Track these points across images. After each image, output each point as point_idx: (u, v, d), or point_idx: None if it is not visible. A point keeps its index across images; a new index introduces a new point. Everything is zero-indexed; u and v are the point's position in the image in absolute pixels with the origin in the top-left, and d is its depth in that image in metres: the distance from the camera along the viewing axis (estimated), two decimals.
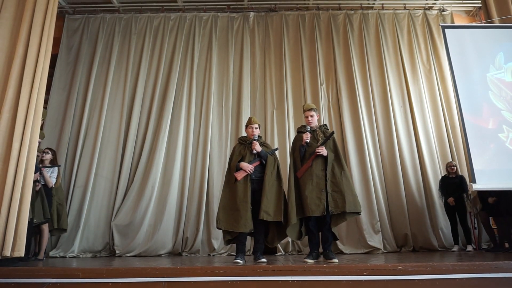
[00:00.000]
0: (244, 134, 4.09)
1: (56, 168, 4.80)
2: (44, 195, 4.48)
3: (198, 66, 6.47)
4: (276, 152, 4.00)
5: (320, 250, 3.71)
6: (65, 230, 4.98)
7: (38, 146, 4.19)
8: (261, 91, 6.38)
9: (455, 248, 5.21)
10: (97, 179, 5.80)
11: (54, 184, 4.72)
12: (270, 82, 6.39)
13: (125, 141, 6.01)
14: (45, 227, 4.59)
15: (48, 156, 4.81)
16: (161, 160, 5.86)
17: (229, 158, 3.94)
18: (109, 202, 5.74)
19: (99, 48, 6.49)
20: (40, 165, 4.67)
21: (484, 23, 6.12)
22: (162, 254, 5.43)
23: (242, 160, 3.73)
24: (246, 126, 3.94)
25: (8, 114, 3.50)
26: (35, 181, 4.23)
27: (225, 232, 3.68)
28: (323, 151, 3.59)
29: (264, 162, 3.74)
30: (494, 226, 5.28)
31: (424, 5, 6.81)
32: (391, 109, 6.17)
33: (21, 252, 3.25)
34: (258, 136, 3.87)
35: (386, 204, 5.74)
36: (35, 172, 4.03)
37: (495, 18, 5.83)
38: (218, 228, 3.66)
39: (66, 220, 4.98)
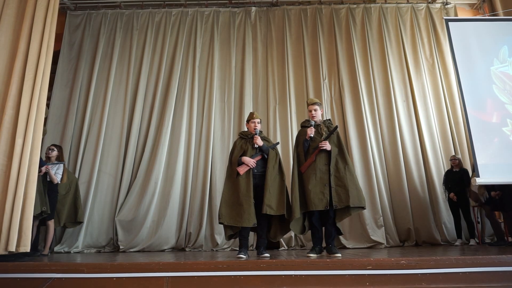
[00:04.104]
0: (246, 129, 4.09)
1: (61, 165, 4.80)
2: (45, 191, 4.47)
3: (200, 61, 6.46)
4: (278, 146, 4.00)
5: (323, 244, 3.72)
6: (81, 222, 5.19)
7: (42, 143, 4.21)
8: (263, 86, 6.36)
9: (458, 242, 5.21)
10: (100, 175, 5.82)
11: (61, 181, 4.73)
12: (272, 78, 6.37)
13: (128, 137, 6.03)
14: (51, 223, 4.62)
15: (54, 153, 4.81)
16: (164, 156, 5.88)
17: (230, 153, 3.93)
18: (113, 198, 5.76)
19: (101, 44, 6.49)
20: (48, 162, 4.67)
21: (488, 16, 6.07)
22: (165, 249, 5.46)
23: (243, 154, 3.73)
24: (248, 121, 3.94)
25: (12, 111, 3.52)
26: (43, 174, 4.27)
27: (226, 227, 3.68)
28: (327, 145, 3.58)
29: (266, 156, 3.75)
30: (500, 220, 5.28)
31: None
32: (394, 104, 6.14)
33: (26, 247, 3.28)
34: (259, 130, 3.87)
35: (389, 199, 5.74)
36: (41, 166, 4.05)
37: (500, 11, 5.78)
38: (220, 223, 3.66)
39: (83, 212, 5.20)
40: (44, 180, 4.44)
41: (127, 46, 6.52)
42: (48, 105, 5.59)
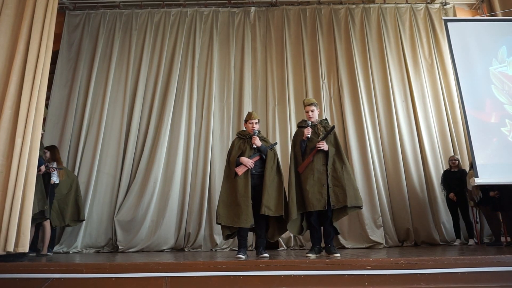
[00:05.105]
0: (244, 129, 4.09)
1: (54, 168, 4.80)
2: (47, 191, 4.48)
3: (199, 61, 6.46)
4: (276, 146, 3.99)
5: (322, 245, 3.72)
6: (84, 220, 5.26)
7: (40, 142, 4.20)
8: (262, 86, 6.36)
9: (457, 242, 5.22)
10: (99, 175, 5.81)
11: (58, 180, 4.73)
12: (271, 78, 6.37)
13: (127, 137, 6.02)
14: (47, 223, 4.62)
15: (47, 156, 4.80)
16: (163, 156, 5.87)
17: (228, 153, 3.93)
18: (112, 198, 5.76)
19: (100, 44, 6.48)
20: (46, 163, 4.65)
21: (487, 16, 6.08)
22: (164, 249, 5.46)
23: (241, 155, 3.73)
24: (246, 121, 3.94)
25: (11, 110, 3.51)
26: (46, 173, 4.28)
27: (224, 227, 3.68)
28: (324, 146, 3.58)
29: (264, 156, 3.75)
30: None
31: None
32: (393, 104, 6.15)
33: (25, 248, 3.28)
34: (258, 130, 3.87)
35: (388, 199, 5.74)
36: (40, 165, 4.04)
37: (498, 11, 5.80)
38: (218, 223, 3.66)
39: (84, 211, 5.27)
40: (45, 180, 4.44)
41: (126, 46, 6.51)
42: (47, 105, 5.58)
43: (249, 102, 6.22)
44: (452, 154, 5.77)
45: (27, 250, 3.32)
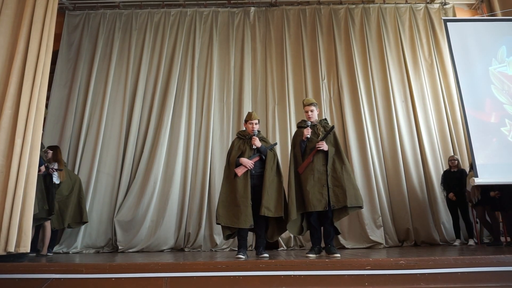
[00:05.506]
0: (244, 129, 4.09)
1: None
2: (47, 192, 4.49)
3: (199, 61, 6.46)
4: (276, 146, 3.99)
5: (322, 245, 3.72)
6: (86, 222, 5.24)
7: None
8: (262, 86, 6.36)
9: (457, 242, 5.22)
10: (99, 175, 5.81)
11: (59, 180, 4.73)
12: (271, 78, 6.37)
13: (127, 137, 6.02)
14: (47, 224, 4.62)
15: (49, 156, 4.80)
16: (163, 156, 5.87)
17: (228, 153, 3.93)
18: (112, 198, 5.76)
19: (99, 44, 6.48)
20: (46, 164, 4.65)
21: (487, 16, 6.09)
22: (164, 249, 5.45)
23: (241, 155, 3.73)
24: (246, 121, 3.94)
25: (10, 111, 3.51)
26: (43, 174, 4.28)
27: (224, 228, 3.68)
28: (324, 146, 3.58)
29: (264, 157, 3.74)
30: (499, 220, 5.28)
31: None
32: (393, 104, 6.15)
33: (26, 248, 3.28)
34: (258, 131, 3.87)
35: (388, 199, 5.74)
36: (41, 165, 4.04)
37: (498, 11, 5.80)
38: (217, 223, 3.67)
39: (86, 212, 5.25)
40: (47, 181, 4.44)
41: (126, 46, 6.51)
42: (46, 105, 5.57)
43: (249, 102, 6.22)
44: (452, 154, 5.77)
45: (28, 250, 3.32)
